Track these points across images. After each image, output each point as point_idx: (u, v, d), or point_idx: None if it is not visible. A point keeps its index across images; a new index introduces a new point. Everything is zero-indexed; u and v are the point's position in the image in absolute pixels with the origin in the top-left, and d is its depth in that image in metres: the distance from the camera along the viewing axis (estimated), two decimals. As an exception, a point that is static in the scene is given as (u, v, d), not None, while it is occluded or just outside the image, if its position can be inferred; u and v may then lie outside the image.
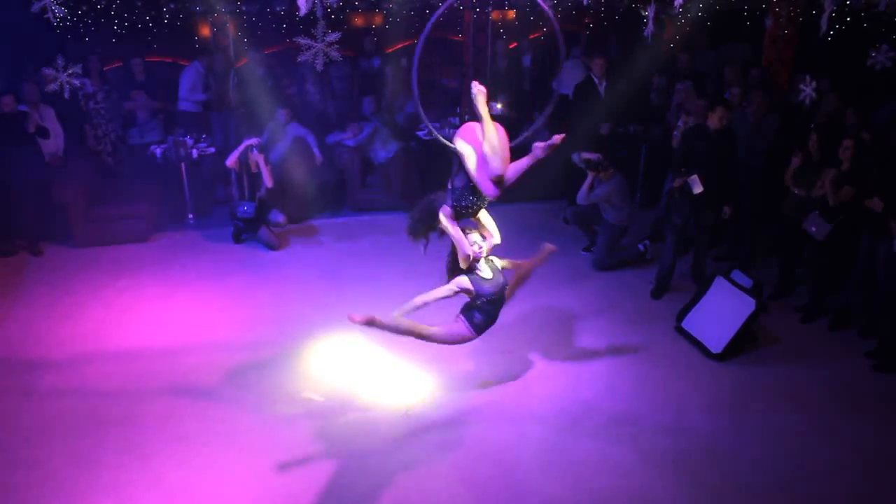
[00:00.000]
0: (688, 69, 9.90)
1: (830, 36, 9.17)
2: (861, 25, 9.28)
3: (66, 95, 8.07)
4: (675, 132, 8.38)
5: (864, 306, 6.92)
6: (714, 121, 7.24)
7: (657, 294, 7.71)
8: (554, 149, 4.97)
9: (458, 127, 7.61)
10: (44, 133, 8.27)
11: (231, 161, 8.54)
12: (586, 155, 8.05)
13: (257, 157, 8.51)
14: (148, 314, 7.16)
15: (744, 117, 8.20)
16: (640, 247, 8.47)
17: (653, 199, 9.52)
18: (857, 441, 5.55)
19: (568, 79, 10.48)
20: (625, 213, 8.09)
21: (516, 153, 5.12)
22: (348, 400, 5.92)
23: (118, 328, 6.90)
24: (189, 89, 10.04)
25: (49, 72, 7.54)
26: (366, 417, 5.72)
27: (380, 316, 5.19)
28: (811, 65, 9.21)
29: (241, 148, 8.52)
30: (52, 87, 7.60)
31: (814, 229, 6.89)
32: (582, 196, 8.09)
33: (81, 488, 4.92)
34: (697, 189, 7.21)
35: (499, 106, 9.79)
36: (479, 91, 4.99)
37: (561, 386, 6.13)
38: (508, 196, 6.38)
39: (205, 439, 5.42)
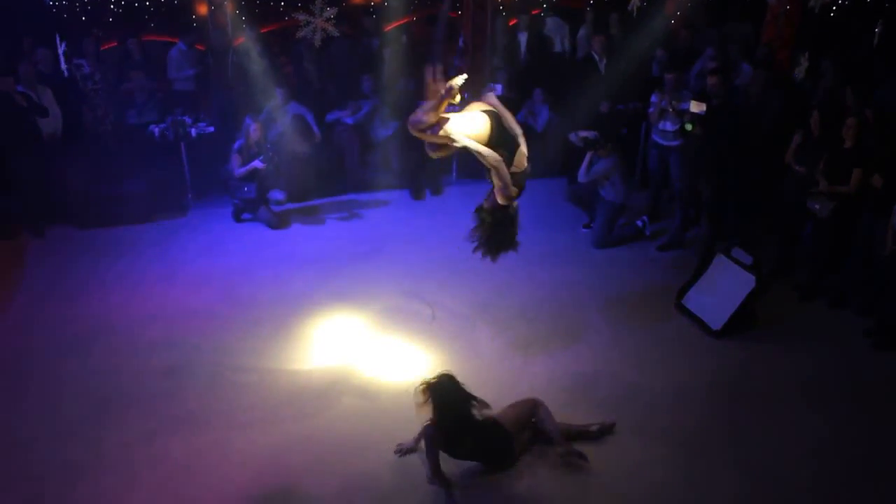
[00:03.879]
0: (688, 46, 9.85)
1: (832, 12, 9.13)
2: (863, 3, 9.22)
3: (66, 75, 8.02)
4: (650, 109, 8.37)
5: (864, 285, 6.93)
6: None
7: (663, 247, 8.19)
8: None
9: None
10: (42, 112, 8.22)
11: (241, 172, 8.60)
12: (583, 133, 8.06)
13: (257, 164, 8.63)
14: (149, 295, 7.16)
15: (746, 96, 8.17)
16: (639, 223, 8.48)
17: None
18: (856, 417, 5.58)
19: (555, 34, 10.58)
20: (623, 190, 8.08)
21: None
22: (349, 378, 5.94)
23: (120, 309, 6.91)
24: (176, 69, 9.98)
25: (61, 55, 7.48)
26: (367, 395, 5.75)
27: None
28: (812, 43, 9.17)
29: (250, 167, 8.59)
30: (64, 67, 7.53)
31: (817, 207, 6.89)
32: (581, 174, 8.11)
33: (85, 467, 4.95)
34: (697, 109, 7.45)
35: (499, 86, 9.74)
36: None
37: (561, 363, 6.15)
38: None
39: (206, 418, 5.44)
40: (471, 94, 8.56)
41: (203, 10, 11.03)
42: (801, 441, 5.33)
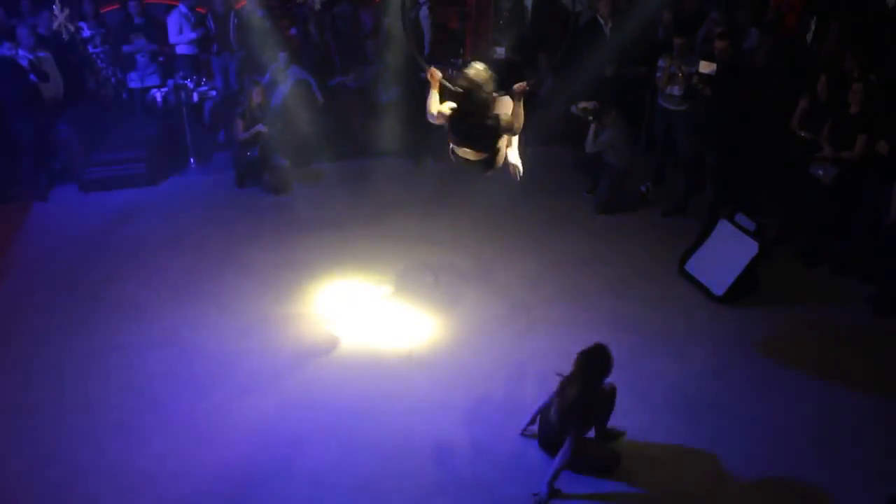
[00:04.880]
0: (696, 9, 9.70)
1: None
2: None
3: (66, 38, 7.94)
4: (658, 74, 8.28)
5: (867, 251, 6.90)
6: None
7: (667, 213, 8.16)
8: None
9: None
10: (42, 76, 8.18)
11: (243, 137, 8.60)
12: (583, 104, 8.03)
13: (260, 128, 8.62)
14: (153, 259, 7.17)
15: (752, 61, 8.08)
16: (643, 188, 8.45)
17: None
18: (858, 383, 5.61)
19: None
20: (627, 155, 8.04)
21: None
22: (352, 343, 5.97)
23: (123, 274, 6.93)
24: (177, 32, 9.88)
25: (57, 16, 7.37)
26: (369, 361, 5.78)
27: None
28: (822, 6, 9.01)
29: (253, 131, 8.58)
30: (60, 30, 7.41)
31: (821, 173, 6.85)
32: (589, 144, 8.07)
33: (88, 431, 5.01)
34: (707, 69, 7.39)
35: (500, 51, 9.64)
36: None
37: (563, 328, 6.17)
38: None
39: (210, 381, 5.49)
40: (474, 56, 8.49)
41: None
42: (802, 405, 5.37)
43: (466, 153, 4.57)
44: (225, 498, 4.53)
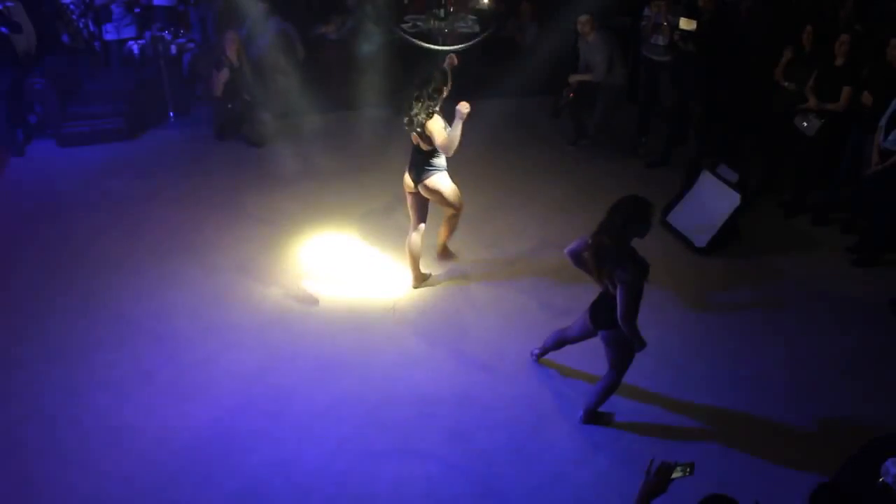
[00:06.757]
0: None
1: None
2: None
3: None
4: (642, 23, 8.21)
5: (848, 202, 6.94)
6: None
7: (651, 164, 8.22)
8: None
9: (443, 20, 7.45)
10: (15, 27, 7.99)
11: (221, 93, 8.49)
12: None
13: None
14: (133, 213, 7.11)
15: (736, 11, 8.01)
16: (642, 140, 8.46)
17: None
18: (836, 331, 5.70)
19: None
20: (603, 71, 8.04)
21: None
22: (335, 297, 5.98)
23: (105, 228, 6.87)
24: None
25: None
26: (352, 313, 5.79)
27: None
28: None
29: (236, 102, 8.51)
30: None
31: (804, 125, 6.84)
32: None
33: (77, 385, 5.00)
34: (688, 26, 7.37)
35: (485, 0, 9.49)
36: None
37: (546, 279, 6.20)
38: (496, 91, 6.38)
39: (193, 336, 5.49)
40: (456, 7, 8.34)
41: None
42: (780, 353, 5.45)
43: None
44: (211, 451, 4.56)
